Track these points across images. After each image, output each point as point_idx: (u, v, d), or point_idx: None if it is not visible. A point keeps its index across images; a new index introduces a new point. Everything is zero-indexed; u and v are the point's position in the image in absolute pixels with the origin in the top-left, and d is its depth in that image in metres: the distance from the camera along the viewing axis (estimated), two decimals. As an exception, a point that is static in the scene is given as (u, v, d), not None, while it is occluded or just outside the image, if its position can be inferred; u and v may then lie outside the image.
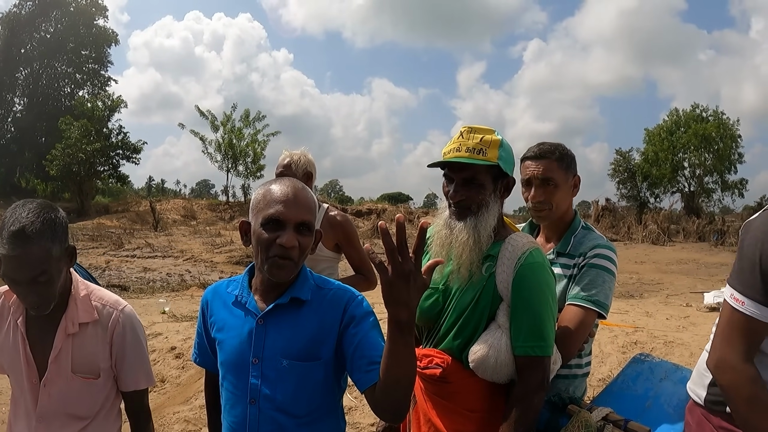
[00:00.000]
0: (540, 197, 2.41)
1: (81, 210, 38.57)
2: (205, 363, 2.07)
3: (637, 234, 30.06)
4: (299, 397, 1.79)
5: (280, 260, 1.72)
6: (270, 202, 1.76)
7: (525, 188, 2.49)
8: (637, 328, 7.18)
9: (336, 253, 3.67)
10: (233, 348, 1.84)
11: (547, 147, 2.46)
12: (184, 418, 4.95)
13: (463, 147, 2.00)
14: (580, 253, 2.36)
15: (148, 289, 12.91)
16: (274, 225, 1.73)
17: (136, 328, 2.14)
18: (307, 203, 1.79)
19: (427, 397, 2.14)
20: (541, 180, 2.42)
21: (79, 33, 50.40)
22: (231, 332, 1.86)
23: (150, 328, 7.94)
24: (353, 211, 36.27)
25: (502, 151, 2.03)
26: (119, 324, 2.09)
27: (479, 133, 2.02)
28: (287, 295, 1.81)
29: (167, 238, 25.65)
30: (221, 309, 1.93)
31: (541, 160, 2.43)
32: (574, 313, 2.23)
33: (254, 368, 1.79)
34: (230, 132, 40.43)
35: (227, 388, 1.87)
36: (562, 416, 2.22)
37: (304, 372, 1.78)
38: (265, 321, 1.81)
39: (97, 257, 18.80)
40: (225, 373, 1.88)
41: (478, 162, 1.98)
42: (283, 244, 1.71)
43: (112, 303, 2.12)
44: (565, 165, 2.44)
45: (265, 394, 1.78)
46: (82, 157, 38.60)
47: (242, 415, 1.81)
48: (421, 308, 2.16)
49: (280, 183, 1.81)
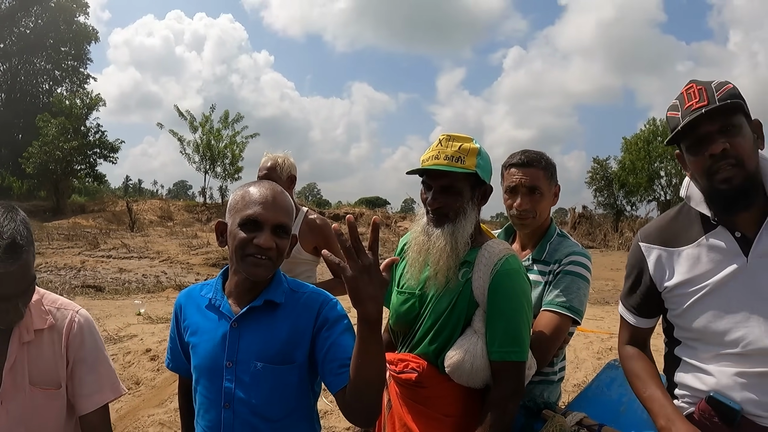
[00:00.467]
0: (526, 205, 2.42)
1: (57, 209, 38.12)
2: (178, 368, 2.05)
3: (613, 241, 30.36)
4: (274, 401, 1.78)
5: (256, 259, 1.73)
6: (248, 203, 1.76)
7: (509, 195, 2.48)
8: (612, 335, 7.24)
9: (315, 257, 3.67)
10: (207, 352, 1.82)
11: (533, 155, 2.46)
12: (159, 421, 4.90)
13: (441, 155, 2.02)
14: (556, 259, 2.38)
15: (124, 291, 12.79)
16: (251, 226, 1.73)
17: (93, 332, 1.99)
18: (285, 206, 1.79)
19: (402, 401, 2.14)
20: (527, 188, 2.42)
21: (59, 29, 49.73)
22: (205, 336, 1.84)
23: (125, 329, 7.89)
24: (331, 215, 36.13)
25: (480, 159, 2.04)
26: (75, 325, 1.93)
27: (458, 141, 2.04)
28: (261, 298, 1.80)
29: (143, 238, 25.43)
30: (195, 313, 1.92)
31: (528, 168, 2.43)
32: (549, 318, 2.25)
33: (228, 372, 1.78)
34: (209, 133, 40.14)
35: (201, 392, 1.86)
36: (537, 421, 2.23)
37: (279, 375, 1.78)
38: (239, 324, 1.80)
39: (72, 257, 18.60)
40: (198, 377, 1.86)
41: (457, 170, 1.99)
42: (260, 244, 1.71)
43: (66, 305, 1.97)
44: (549, 174, 2.46)
45: (240, 398, 1.77)
46: (59, 155, 38.13)
47: (216, 419, 1.80)
48: (397, 313, 2.18)
49: (259, 185, 1.82)
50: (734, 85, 1.68)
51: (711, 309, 1.74)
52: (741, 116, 1.65)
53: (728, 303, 1.71)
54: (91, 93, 42.92)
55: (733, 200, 1.65)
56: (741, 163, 1.62)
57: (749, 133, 1.67)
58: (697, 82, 1.72)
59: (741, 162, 1.62)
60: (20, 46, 49.51)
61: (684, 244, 1.82)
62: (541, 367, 2.26)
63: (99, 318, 8.71)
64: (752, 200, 1.65)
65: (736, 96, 1.66)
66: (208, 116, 40.49)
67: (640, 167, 38.72)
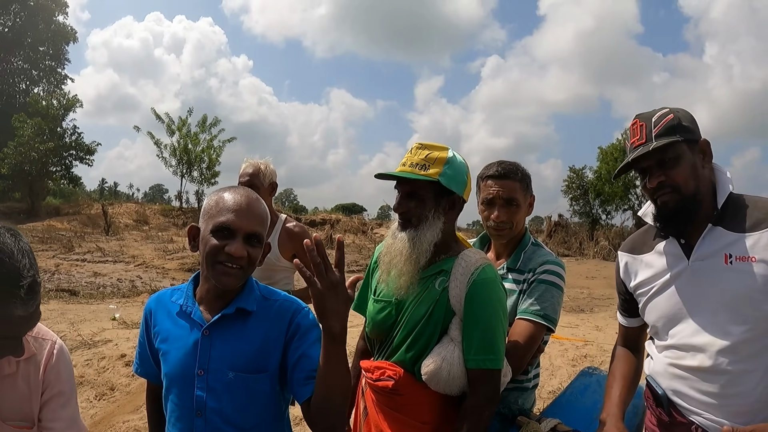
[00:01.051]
0: (503, 217, 2.45)
1: (31, 211, 37.51)
2: (147, 374, 2.02)
3: (588, 250, 30.57)
4: (246, 409, 1.78)
5: (227, 267, 1.70)
6: (222, 209, 1.73)
7: (486, 207, 2.51)
8: (587, 342, 7.32)
9: (293, 264, 3.66)
10: (178, 360, 1.80)
11: (509, 167, 2.49)
12: (134, 427, 4.87)
13: (408, 162, 2.07)
14: (530, 268, 2.42)
15: (98, 295, 12.66)
16: (224, 233, 1.71)
17: (69, 364, 1.82)
18: (259, 215, 1.77)
19: (378, 409, 2.15)
20: (504, 200, 2.46)
21: (38, 28, 49.09)
22: (176, 343, 1.82)
23: (100, 334, 7.81)
24: (307, 221, 35.98)
25: (448, 169, 2.06)
26: (54, 357, 1.76)
27: (428, 149, 2.08)
28: (233, 306, 1.79)
29: (119, 242, 25.17)
30: (165, 319, 1.89)
31: (504, 180, 2.47)
32: (524, 327, 2.28)
33: (200, 380, 1.76)
34: (186, 137, 39.81)
35: (172, 401, 1.83)
36: (512, 427, 2.26)
37: (251, 384, 1.77)
38: (210, 332, 1.78)
39: (46, 260, 18.35)
40: (169, 385, 1.84)
41: (418, 177, 2.03)
42: (231, 252, 1.69)
43: (44, 334, 1.79)
44: (525, 185, 2.51)
45: (212, 407, 1.76)
46: (34, 156, 37.55)
47: (188, 427, 1.79)
48: (374, 320, 2.19)
49: (234, 191, 1.79)
50: (675, 114, 1.90)
51: (659, 306, 1.98)
52: (678, 146, 1.85)
53: (672, 300, 1.94)
54: (68, 94, 42.34)
55: (670, 219, 1.90)
56: (677, 189, 1.85)
57: (688, 159, 1.87)
58: (641, 116, 1.94)
59: (677, 189, 1.85)
60: (-3, 44, 48.84)
61: (645, 251, 2.07)
62: (516, 375, 2.28)
63: (73, 322, 8.63)
64: (690, 216, 1.87)
65: (674, 129, 1.87)
66: (185, 120, 40.15)
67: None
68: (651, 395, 2.05)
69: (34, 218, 35.05)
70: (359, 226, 36.23)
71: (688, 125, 1.89)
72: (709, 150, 1.92)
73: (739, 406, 1.79)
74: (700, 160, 1.89)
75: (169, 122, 39.90)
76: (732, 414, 1.79)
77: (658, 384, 1.98)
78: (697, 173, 1.87)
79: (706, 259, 1.86)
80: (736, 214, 1.86)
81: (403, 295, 2.10)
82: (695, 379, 1.86)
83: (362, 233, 34.23)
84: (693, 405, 1.87)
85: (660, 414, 2.00)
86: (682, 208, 1.86)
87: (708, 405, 1.83)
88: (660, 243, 2.01)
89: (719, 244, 1.84)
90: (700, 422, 1.86)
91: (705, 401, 1.84)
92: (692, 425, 1.88)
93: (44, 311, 6.22)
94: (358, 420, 2.30)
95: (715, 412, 1.82)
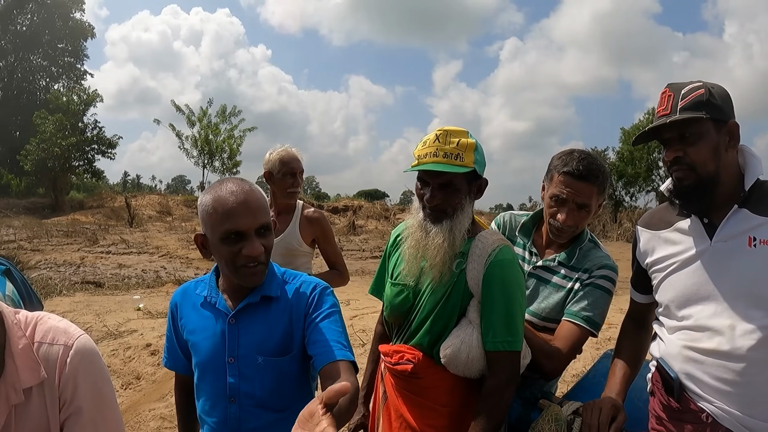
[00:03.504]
0: (570, 222, 2.28)
1: (55, 205, 38.06)
2: (176, 366, 2.05)
3: (612, 232, 30.38)
4: (278, 392, 1.81)
5: (250, 268, 1.72)
6: (223, 215, 1.69)
7: (554, 203, 2.31)
8: (610, 325, 7.25)
9: (311, 249, 3.75)
10: (207, 349, 1.83)
11: (592, 167, 2.26)
12: (160, 416, 4.92)
13: (440, 152, 1.98)
14: (586, 268, 2.31)
15: (123, 286, 12.77)
16: (235, 238, 1.70)
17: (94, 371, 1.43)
18: (260, 204, 1.76)
19: (398, 393, 2.15)
20: (577, 205, 2.28)
21: (55, 26, 49.63)
22: (203, 333, 1.85)
23: (125, 324, 7.90)
24: (329, 208, 36.12)
25: (477, 155, 2.02)
26: (67, 365, 1.38)
27: (455, 136, 2.00)
28: (257, 294, 1.81)
29: (142, 234, 25.39)
30: (191, 311, 1.92)
31: (583, 182, 2.26)
32: (572, 331, 2.23)
33: (231, 367, 1.80)
34: (206, 127, 40.01)
35: (205, 390, 1.87)
36: (534, 411, 2.25)
37: (281, 366, 1.80)
38: (236, 320, 1.81)
39: (71, 253, 18.57)
40: (201, 375, 1.87)
41: (457, 169, 1.96)
42: (250, 254, 1.70)
43: (57, 336, 1.41)
44: (602, 189, 2.33)
45: (245, 392, 1.79)
46: (57, 152, 38.04)
47: (223, 414, 1.82)
48: (391, 304, 2.18)
49: (227, 191, 1.73)
50: (708, 89, 1.81)
51: (676, 284, 1.93)
52: (702, 124, 1.79)
53: (691, 279, 1.88)
54: (88, 89, 42.77)
55: (684, 195, 1.88)
56: (693, 168, 1.81)
57: (711, 138, 1.81)
58: (671, 86, 1.88)
59: (693, 167, 1.81)
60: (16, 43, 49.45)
61: (665, 228, 2.01)
62: (554, 377, 2.29)
63: (99, 314, 8.74)
64: (707, 197, 1.83)
65: (701, 104, 1.79)
66: (205, 110, 40.38)
67: (639, 158, 38.71)
68: (660, 379, 1.97)
69: (59, 213, 35.54)
70: (381, 212, 36.26)
71: (719, 103, 1.81)
72: (737, 133, 1.84)
73: (754, 395, 1.74)
74: (725, 142, 1.82)
75: (189, 114, 40.13)
76: (746, 404, 1.74)
77: (671, 367, 1.91)
78: (719, 155, 1.81)
79: (729, 240, 1.81)
80: (763, 198, 1.80)
81: (423, 280, 2.10)
82: (711, 362, 1.80)
83: (384, 219, 34.25)
84: (706, 391, 1.81)
85: (669, 400, 1.92)
86: (697, 188, 1.82)
87: (722, 392, 1.78)
88: (682, 221, 1.95)
89: (744, 227, 1.79)
90: (711, 411, 1.80)
91: (719, 388, 1.78)
92: (703, 413, 1.82)
93: (70, 303, 6.37)
94: (377, 404, 2.30)
95: (728, 401, 1.77)
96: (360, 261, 18.40)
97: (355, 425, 2.45)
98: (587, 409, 1.97)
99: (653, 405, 2.03)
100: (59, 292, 11.33)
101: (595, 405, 1.96)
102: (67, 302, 9.86)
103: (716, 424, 1.79)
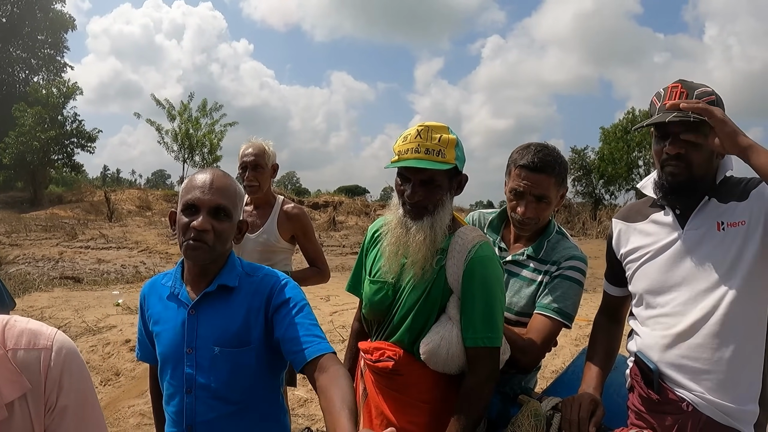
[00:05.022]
0: (530, 214, 2.30)
1: (34, 200, 37.63)
2: (147, 358, 2.09)
3: (591, 230, 30.57)
4: (233, 384, 1.83)
5: (193, 242, 1.76)
6: (189, 189, 1.82)
7: (514, 197, 2.34)
8: (590, 322, 7.30)
9: (291, 245, 3.70)
10: (169, 340, 1.88)
11: (547, 159, 2.28)
12: (140, 412, 4.89)
13: (422, 148, 1.96)
14: (554, 260, 2.33)
15: (102, 281, 12.66)
16: (191, 210, 1.79)
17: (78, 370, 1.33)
18: (224, 189, 1.82)
19: (378, 390, 2.16)
20: (535, 197, 2.29)
21: (36, 17, 48.86)
22: (166, 324, 1.89)
23: (104, 320, 7.85)
24: (310, 204, 35.96)
25: (458, 151, 2.01)
26: (50, 369, 1.27)
27: (436, 132, 1.98)
28: (215, 284, 1.85)
29: (122, 228, 25.17)
30: (157, 302, 1.96)
31: (539, 174, 2.27)
32: (544, 323, 2.23)
33: (189, 358, 1.83)
34: (187, 122, 39.68)
35: (166, 380, 1.91)
36: (513, 406, 2.26)
37: (236, 358, 1.82)
38: (196, 311, 1.84)
39: (50, 248, 18.38)
40: (163, 365, 1.91)
41: (439, 166, 1.95)
42: (195, 226, 1.75)
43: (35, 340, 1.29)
44: (560, 180, 2.34)
45: (200, 383, 1.82)
46: (36, 145, 37.56)
47: (180, 404, 1.85)
48: (371, 301, 2.18)
49: (201, 171, 1.87)
50: (716, 98, 1.87)
51: (649, 273, 2.00)
52: (707, 128, 1.80)
53: (663, 268, 1.96)
54: (68, 82, 42.27)
55: (672, 191, 1.91)
56: (690, 167, 1.86)
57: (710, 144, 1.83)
58: (685, 84, 1.90)
59: (690, 167, 1.86)
60: (-5, 34, 48.65)
61: (640, 220, 2.09)
62: (529, 371, 2.30)
63: (78, 309, 8.66)
64: (691, 193, 1.89)
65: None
66: (186, 105, 40.05)
67: (619, 157, 38.99)
68: (639, 372, 1.99)
69: (37, 207, 35.14)
70: (362, 207, 36.19)
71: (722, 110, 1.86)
72: None
73: (730, 379, 1.80)
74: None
75: (169, 108, 39.79)
76: (723, 388, 1.80)
77: (649, 359, 1.94)
78: (712, 160, 1.89)
79: (700, 228, 1.89)
80: (729, 188, 1.91)
81: (403, 277, 2.10)
82: (686, 347, 1.85)
83: (365, 215, 34.19)
84: (685, 378, 1.85)
85: (648, 393, 1.94)
86: (687, 186, 1.88)
87: (699, 378, 1.82)
88: (655, 213, 2.04)
89: (713, 215, 1.88)
90: (691, 399, 1.84)
91: (696, 373, 1.83)
92: (683, 402, 1.85)
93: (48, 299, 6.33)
94: (358, 401, 2.30)
95: (705, 386, 1.81)
96: (340, 257, 18.38)
97: None
98: (566, 404, 1.99)
99: (632, 400, 2.05)
100: (38, 287, 11.19)
101: (574, 400, 1.98)
102: (46, 298, 9.77)
103: (697, 413, 1.83)
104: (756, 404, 1.82)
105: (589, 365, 2.17)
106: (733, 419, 1.80)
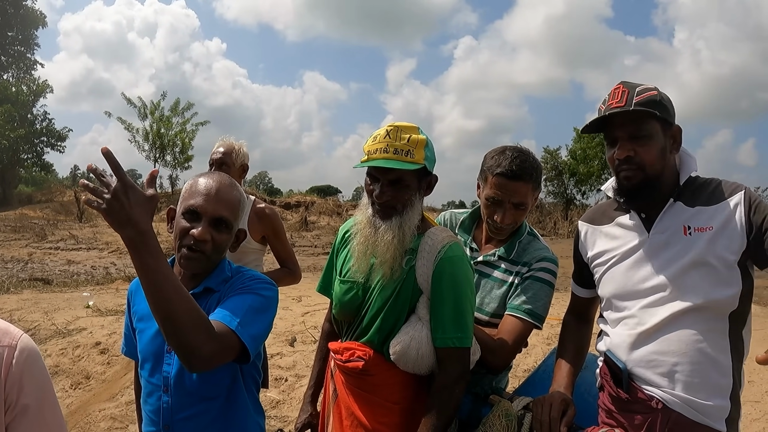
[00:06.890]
0: (510, 221, 2.31)
1: (3, 199, 37.09)
2: (131, 354, 2.07)
3: (563, 229, 30.83)
4: (209, 380, 1.82)
5: (189, 251, 1.75)
6: (193, 193, 1.80)
7: (491, 204, 2.33)
8: (561, 321, 7.37)
9: (262, 246, 3.67)
10: (150, 338, 1.87)
11: (524, 166, 2.26)
12: (111, 416, 4.82)
13: (390, 148, 1.96)
14: (525, 262, 2.34)
15: (72, 283, 12.50)
16: (192, 216, 1.77)
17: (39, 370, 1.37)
18: (229, 200, 1.81)
19: (348, 390, 2.15)
20: (514, 204, 2.30)
21: (6, 13, 48.02)
22: (150, 322, 1.87)
23: (74, 322, 7.74)
24: (282, 204, 35.72)
25: (428, 151, 2.02)
26: (13, 365, 1.30)
27: (406, 132, 1.99)
28: (201, 286, 1.84)
29: (92, 229, 24.86)
30: (142, 300, 1.90)
31: (517, 182, 2.26)
32: (514, 324, 2.24)
33: (168, 357, 1.83)
34: (158, 121, 39.21)
35: (144, 377, 1.91)
36: (484, 406, 2.27)
37: None
38: None
39: (19, 249, 18.13)
40: (142, 362, 1.91)
41: (408, 166, 1.95)
42: (194, 235, 1.73)
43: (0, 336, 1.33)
44: (536, 185, 2.35)
45: (177, 382, 1.82)
46: (4, 144, 37.02)
47: (157, 403, 1.86)
48: (341, 302, 2.18)
49: (208, 176, 1.84)
50: (659, 92, 1.90)
51: (616, 277, 2.01)
52: (654, 124, 1.87)
53: (630, 271, 1.97)
54: (39, 80, 41.70)
55: (630, 194, 1.94)
56: (642, 168, 1.88)
57: (659, 140, 1.89)
58: (625, 83, 1.92)
59: (643, 167, 1.88)
60: (-37, 30, 47.74)
61: (606, 222, 2.11)
62: (500, 371, 2.31)
63: (47, 311, 8.53)
64: (650, 195, 1.91)
65: (655, 104, 1.86)
66: (158, 103, 39.59)
67: (592, 156, 39.31)
68: (609, 372, 2.00)
69: (6, 207, 34.60)
70: (334, 207, 36.05)
71: (668, 107, 1.90)
72: (679, 138, 1.94)
73: (695, 375, 1.81)
74: (670, 145, 1.92)
75: (141, 106, 39.32)
76: (689, 385, 1.82)
77: (618, 358, 1.96)
78: (665, 157, 1.90)
79: (666, 231, 1.91)
80: (695, 191, 1.92)
81: (373, 277, 2.10)
82: (653, 346, 1.87)
83: (337, 215, 34.09)
84: (654, 375, 1.87)
85: (618, 392, 1.95)
86: (644, 187, 1.89)
87: (667, 375, 1.84)
88: (621, 216, 2.05)
89: (679, 218, 1.90)
90: (661, 396, 1.85)
91: (665, 369, 1.85)
92: (652, 400, 1.87)
93: (17, 301, 6.23)
94: (328, 402, 2.29)
95: (673, 384, 1.83)
96: (312, 257, 18.31)
97: (303, 425, 2.42)
98: (537, 404, 1.99)
99: (603, 399, 2.06)
100: (6, 289, 11.03)
101: (545, 400, 1.98)
102: (15, 300, 9.59)
103: (667, 410, 1.84)
104: (727, 400, 1.83)
105: (560, 365, 2.18)
106: (704, 415, 1.81)
